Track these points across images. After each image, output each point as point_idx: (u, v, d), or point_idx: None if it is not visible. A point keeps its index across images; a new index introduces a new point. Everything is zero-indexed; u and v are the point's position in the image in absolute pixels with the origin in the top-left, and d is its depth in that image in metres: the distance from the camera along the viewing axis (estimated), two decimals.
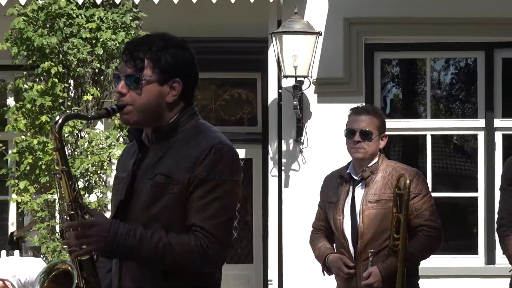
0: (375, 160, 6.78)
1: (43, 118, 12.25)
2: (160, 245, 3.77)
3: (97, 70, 12.85)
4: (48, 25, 12.63)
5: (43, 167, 12.10)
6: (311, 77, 12.83)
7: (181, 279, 3.95)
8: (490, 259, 13.16)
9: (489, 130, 13.42)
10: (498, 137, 13.48)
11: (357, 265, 6.71)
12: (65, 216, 3.96)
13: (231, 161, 3.90)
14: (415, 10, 13.29)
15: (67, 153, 11.92)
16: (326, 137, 13.35)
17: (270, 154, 13.48)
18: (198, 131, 3.99)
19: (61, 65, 12.29)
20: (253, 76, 15.24)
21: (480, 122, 13.68)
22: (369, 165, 6.73)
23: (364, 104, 12.54)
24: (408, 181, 6.56)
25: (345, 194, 6.85)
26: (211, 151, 3.83)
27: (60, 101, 12.46)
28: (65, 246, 4.61)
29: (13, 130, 12.53)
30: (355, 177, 6.83)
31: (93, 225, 3.81)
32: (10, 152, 12.95)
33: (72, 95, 12.87)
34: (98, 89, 12.87)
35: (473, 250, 13.73)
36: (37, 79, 12.55)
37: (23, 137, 12.40)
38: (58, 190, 4.05)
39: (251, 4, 12.92)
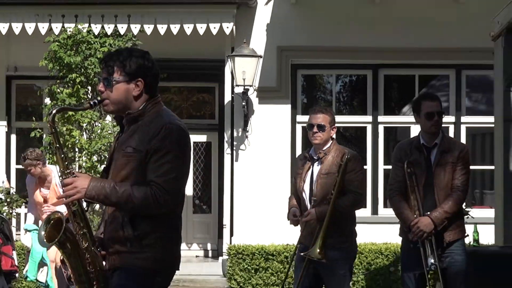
0: (328, 145, 7.75)
1: (70, 112, 14.91)
2: (126, 194, 4.62)
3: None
4: (74, 49, 15.25)
5: (69, 146, 14.93)
6: (254, 86, 15.90)
7: (145, 223, 4.78)
8: (374, 211, 16.27)
9: (375, 124, 16.56)
10: (381, 129, 16.65)
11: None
12: (60, 178, 4.91)
13: (177, 136, 4.74)
14: (326, 40, 16.18)
15: (85, 136, 15.29)
16: (264, 127, 16.41)
17: (226, 139, 16.43)
18: (158, 115, 4.85)
19: (83, 76, 14.99)
20: (213, 85, 18.15)
21: (368, 118, 16.71)
22: (323, 149, 7.72)
23: (290, 105, 16.29)
24: (346, 156, 7.57)
25: (307, 168, 7.89)
26: (163, 129, 4.71)
27: (82, 101, 15.15)
28: (61, 199, 5.14)
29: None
30: (314, 157, 7.86)
31: (76, 181, 4.68)
32: (45, 136, 15.67)
33: (90, 96, 15.48)
34: None
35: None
36: (66, 86, 15.16)
37: None
38: (56, 161, 5.07)
39: (214, 36, 15.66)
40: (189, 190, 18.19)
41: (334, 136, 7.83)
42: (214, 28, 15.57)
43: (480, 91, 17.39)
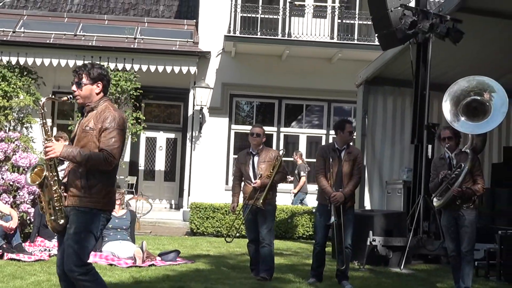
0: (260, 147, 9.14)
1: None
2: (87, 155, 5.19)
3: (117, 96, 19.20)
4: None
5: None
6: (207, 105, 19.67)
7: (94, 177, 5.32)
8: None
9: (278, 133, 20.24)
10: (281, 136, 20.37)
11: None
12: (43, 143, 5.36)
13: (118, 120, 5.31)
14: (251, 80, 20.04)
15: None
16: (211, 131, 19.95)
17: (188, 137, 20.06)
18: (106, 107, 5.39)
19: None
20: (180, 103, 21.70)
21: (274, 128, 20.16)
22: (260, 147, 9.11)
23: (228, 118, 19.75)
24: (278, 156, 9.09)
25: (250, 159, 9.15)
26: (109, 115, 5.30)
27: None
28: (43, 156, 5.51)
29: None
30: (253, 152, 9.17)
31: (54, 145, 5.25)
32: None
33: None
34: (116, 105, 17.32)
35: None
36: None
37: None
38: (43, 131, 5.44)
39: (183, 74, 19.40)
40: (161, 166, 21.88)
41: (264, 141, 9.33)
42: (184, 69, 19.47)
43: (342, 115, 20.91)
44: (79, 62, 18.31)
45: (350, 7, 20.57)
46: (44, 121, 5.50)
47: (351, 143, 9.22)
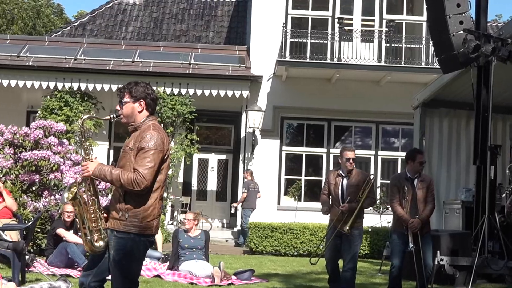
0: (352, 168, 8.73)
1: None
2: (117, 174, 4.95)
3: (173, 119, 19.56)
4: None
5: None
6: (259, 128, 19.73)
7: (132, 200, 5.03)
8: None
9: (328, 154, 20.27)
10: (331, 157, 20.20)
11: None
12: (81, 161, 5.36)
13: (156, 140, 5.02)
14: (301, 103, 20.04)
15: None
16: (263, 153, 20.10)
17: (240, 158, 20.20)
18: (148, 127, 5.12)
19: (159, 118, 18.34)
20: (231, 126, 21.89)
21: (324, 149, 20.35)
22: (351, 171, 8.72)
23: (279, 140, 19.88)
24: (369, 178, 8.78)
25: (340, 180, 8.78)
26: (147, 135, 5.03)
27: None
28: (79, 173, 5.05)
29: None
30: (343, 174, 8.77)
31: (89, 164, 5.08)
32: None
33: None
34: (172, 127, 19.28)
35: None
36: None
37: None
38: (82, 149, 5.25)
39: (236, 97, 19.67)
40: (213, 186, 21.95)
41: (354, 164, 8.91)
42: (237, 93, 19.71)
43: (391, 136, 21.14)
44: None
45: (397, 31, 20.54)
46: (83, 139, 5.45)
47: (421, 172, 9.14)
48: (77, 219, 5.36)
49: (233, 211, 19.89)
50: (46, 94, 19.98)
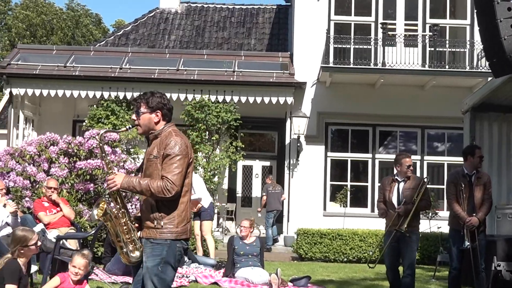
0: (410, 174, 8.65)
1: (196, 146, 18.97)
2: (146, 184, 4.93)
3: (218, 127, 19.54)
4: (200, 111, 19.36)
5: (195, 166, 17.96)
6: (303, 134, 19.66)
7: (165, 208, 5.04)
8: (372, 210, 19.71)
9: (373, 159, 20.30)
10: (377, 162, 20.29)
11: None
12: (106, 175, 5.26)
13: (180, 145, 5.02)
14: (345, 108, 19.97)
15: (204, 160, 19.64)
16: (308, 158, 20.01)
17: (286, 164, 20.10)
18: (169, 133, 5.13)
19: (205, 125, 19.18)
20: (275, 132, 22.08)
21: (369, 155, 20.25)
22: (408, 175, 8.66)
23: (324, 146, 19.61)
24: (423, 180, 8.62)
25: (395, 185, 8.72)
26: (171, 141, 5.04)
27: (204, 140, 19.26)
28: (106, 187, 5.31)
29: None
30: (399, 179, 8.70)
31: (115, 177, 5.06)
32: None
33: (208, 138, 19.42)
34: (217, 135, 19.57)
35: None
36: (194, 130, 19.22)
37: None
38: (104, 163, 5.28)
39: (280, 104, 19.69)
40: (257, 193, 21.93)
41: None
42: (281, 100, 19.74)
43: (436, 140, 20.96)
44: (182, 96, 19.34)
45: (440, 35, 20.34)
46: (103, 154, 5.40)
47: (479, 168, 9.05)
48: (110, 234, 5.30)
49: (259, 215, 20.07)
50: (92, 103, 20.19)
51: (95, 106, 20.15)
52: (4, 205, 9.73)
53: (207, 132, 19.75)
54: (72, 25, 53.49)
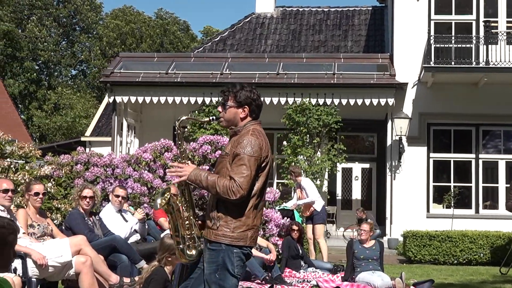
0: None
1: (299, 149, 19.20)
2: (213, 181, 4.64)
3: (319, 130, 19.49)
4: (301, 114, 19.40)
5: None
6: (405, 135, 19.55)
7: (223, 208, 4.74)
8: (476, 211, 19.72)
9: (476, 160, 19.93)
10: (480, 162, 20.12)
11: None
12: (177, 161, 4.95)
13: (253, 146, 4.67)
14: (447, 108, 19.69)
15: (306, 163, 19.77)
16: (410, 160, 19.87)
17: (387, 166, 19.96)
18: (247, 131, 4.79)
19: (306, 128, 19.11)
20: (373, 134, 21.96)
21: (472, 155, 19.92)
22: None
23: (426, 147, 19.44)
24: None
25: None
26: (244, 140, 4.71)
27: (306, 143, 19.29)
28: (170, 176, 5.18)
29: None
30: None
31: (185, 167, 4.80)
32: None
33: (309, 141, 19.45)
34: (318, 138, 19.38)
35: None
36: (296, 134, 19.23)
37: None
38: (179, 151, 5.09)
39: (381, 105, 19.59)
40: (357, 195, 22.03)
41: None
42: (382, 101, 19.60)
43: None
44: (282, 100, 19.39)
45: None
46: (180, 142, 5.11)
47: None
48: (169, 226, 5.09)
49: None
50: (192, 109, 20.32)
51: (196, 111, 20.29)
52: (133, 213, 9.85)
53: (308, 135, 19.73)
54: (161, 33, 54.48)
